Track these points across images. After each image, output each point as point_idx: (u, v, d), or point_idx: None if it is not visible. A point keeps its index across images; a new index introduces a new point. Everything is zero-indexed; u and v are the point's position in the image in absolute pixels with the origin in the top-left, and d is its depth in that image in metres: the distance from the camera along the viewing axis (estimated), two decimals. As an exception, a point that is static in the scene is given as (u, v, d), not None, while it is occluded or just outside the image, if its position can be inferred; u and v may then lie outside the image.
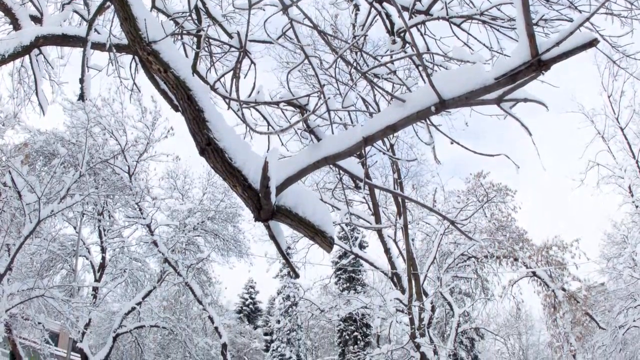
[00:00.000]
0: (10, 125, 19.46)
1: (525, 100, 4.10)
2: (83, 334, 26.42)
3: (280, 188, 3.96)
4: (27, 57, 8.69)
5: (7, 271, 13.91)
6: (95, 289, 31.03)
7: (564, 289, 29.68)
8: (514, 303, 30.51)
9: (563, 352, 31.10)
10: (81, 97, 7.58)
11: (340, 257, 51.88)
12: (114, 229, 31.24)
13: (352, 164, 4.54)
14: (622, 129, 32.07)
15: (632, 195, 32.46)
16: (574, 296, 29.75)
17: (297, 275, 4.65)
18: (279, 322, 57.78)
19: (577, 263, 28.95)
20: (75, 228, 28.91)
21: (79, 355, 30.28)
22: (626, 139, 32.06)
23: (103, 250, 31.46)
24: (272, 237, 4.22)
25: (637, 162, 32.01)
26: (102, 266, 31.55)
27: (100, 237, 30.95)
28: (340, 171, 4.75)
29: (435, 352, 22.28)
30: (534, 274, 29.51)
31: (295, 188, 4.16)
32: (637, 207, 32.62)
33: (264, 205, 3.90)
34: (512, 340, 77.74)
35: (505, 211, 28.71)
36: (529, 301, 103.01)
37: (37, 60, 9.14)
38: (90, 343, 32.46)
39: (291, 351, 56.82)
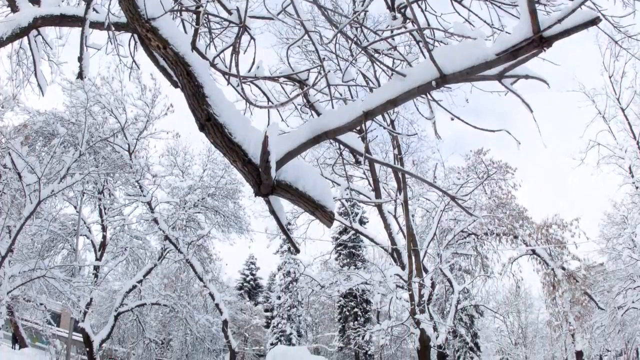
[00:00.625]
0: (9, 107, 19.41)
1: (527, 76, 4.08)
2: (85, 313, 26.54)
3: (280, 163, 3.95)
4: (25, 38, 8.65)
5: (8, 253, 13.92)
6: (96, 268, 31.13)
7: (563, 268, 29.75)
8: (514, 281, 30.58)
9: (562, 331, 31.25)
10: (80, 75, 7.55)
11: (340, 233, 51.99)
12: (115, 207, 31.27)
13: (352, 138, 4.52)
14: (623, 110, 32.04)
15: (633, 176, 32.49)
16: (573, 275, 29.82)
17: (297, 251, 4.66)
18: (279, 298, 57.98)
19: (576, 242, 28.91)
20: (75, 207, 28.93)
21: (81, 335, 30.42)
22: (627, 119, 32.05)
23: (104, 229, 31.51)
24: (273, 212, 4.21)
25: (637, 143, 32.01)
26: (103, 245, 31.61)
27: (101, 216, 30.99)
28: (341, 146, 4.74)
29: (435, 329, 22.41)
30: (534, 252, 29.54)
31: (296, 163, 4.15)
32: (637, 188, 32.67)
33: (264, 180, 3.90)
34: (511, 318, 78.05)
35: (505, 189, 28.68)
36: (528, 279, 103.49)
37: (35, 42, 9.09)
38: (91, 322, 32.63)
39: (292, 327, 57.04)
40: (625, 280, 35.49)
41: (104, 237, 31.92)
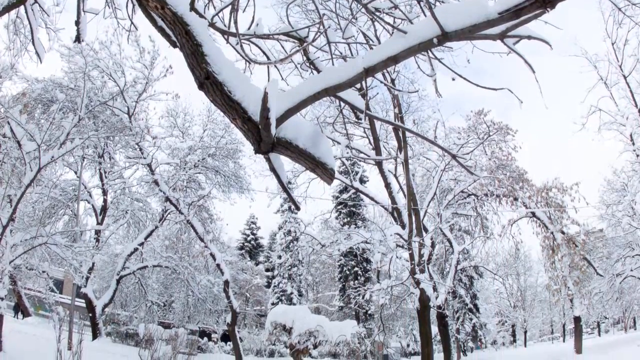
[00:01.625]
0: (7, 76, 19.30)
1: (529, 37, 4.05)
2: (87, 278, 26.72)
3: (280, 120, 3.93)
4: (22, 7, 8.57)
5: (9, 222, 13.92)
6: (97, 232, 31.28)
7: (562, 232, 29.87)
8: (513, 243, 30.69)
9: (561, 295, 31.43)
10: (77, 38, 7.50)
11: (340, 192, 52.10)
12: (115, 170, 31.33)
13: (352, 95, 4.50)
14: (625, 77, 31.90)
15: (634, 144, 32.45)
16: (573, 240, 29.93)
17: (298, 208, 4.65)
18: (280, 257, 58.35)
19: (576, 207, 29.05)
20: (76, 173, 28.96)
21: (84, 301, 30.66)
22: (629, 87, 31.93)
23: (104, 192, 31.61)
24: (273, 169, 4.21)
25: (639, 111, 31.88)
26: (104, 209, 31.73)
27: (102, 180, 31.07)
28: (341, 103, 4.72)
29: (435, 289, 22.57)
30: (534, 214, 29.64)
31: (296, 120, 4.13)
32: (638, 155, 32.61)
33: (264, 137, 3.88)
34: (510, 281, 78.58)
35: (505, 150, 28.66)
36: (527, 242, 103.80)
37: (32, 10, 9.01)
38: (94, 287, 32.89)
39: (292, 287, 57.51)
40: (624, 248, 35.75)
41: (105, 201, 32.05)
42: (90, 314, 30.72)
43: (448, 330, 33.66)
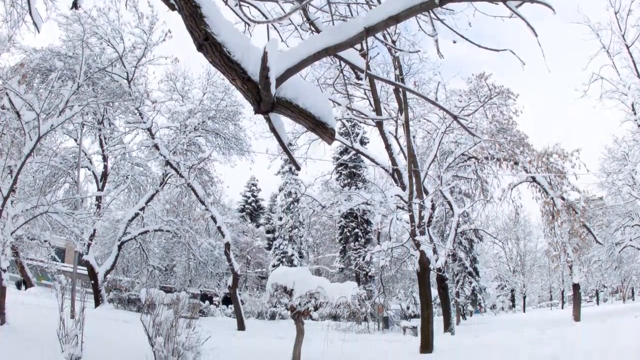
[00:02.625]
0: (5, 48, 19.14)
1: (532, 0, 4.01)
2: (88, 245, 26.83)
3: (280, 80, 3.91)
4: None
5: (10, 193, 13.91)
6: (98, 198, 31.36)
7: (563, 198, 29.91)
8: (513, 207, 30.73)
9: (560, 262, 31.58)
10: (74, 4, 7.43)
11: (341, 154, 52.12)
12: (115, 136, 31.34)
13: (353, 55, 4.48)
14: (627, 47, 31.72)
15: (635, 114, 32.41)
16: (573, 206, 30.00)
17: (298, 168, 4.65)
18: (280, 219, 58.52)
19: (577, 173, 29.05)
20: (76, 140, 28.95)
21: (86, 268, 30.85)
22: (631, 56, 31.76)
23: (105, 158, 31.64)
24: (273, 129, 4.20)
25: (641, 81, 31.86)
26: (105, 175, 31.78)
27: (102, 146, 31.08)
28: (341, 63, 4.70)
29: (435, 252, 22.66)
30: (534, 179, 29.65)
31: (296, 80, 4.11)
32: (639, 125, 32.57)
33: (263, 97, 3.87)
34: (510, 245, 78.92)
35: (506, 114, 28.57)
36: (527, 207, 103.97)
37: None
38: (95, 255, 33.09)
39: (293, 248, 57.77)
40: (623, 217, 35.92)
41: (105, 167, 32.08)
42: (93, 281, 30.95)
43: (448, 294, 33.89)
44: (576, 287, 33.54)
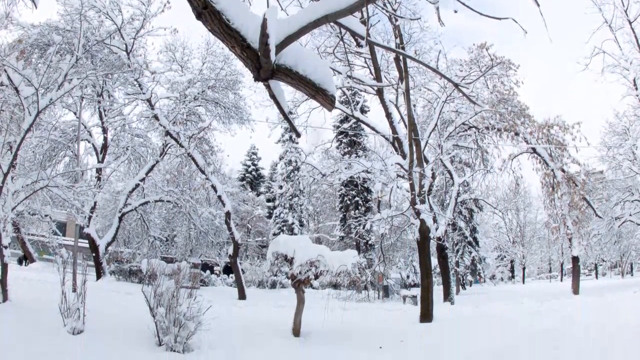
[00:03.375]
0: (2, 25, 19.03)
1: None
2: (89, 218, 26.92)
3: (280, 47, 3.90)
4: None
5: (10, 169, 13.90)
6: (99, 171, 31.42)
7: (563, 170, 29.93)
8: (513, 178, 30.81)
9: (559, 234, 31.70)
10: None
11: (341, 122, 52.01)
12: (114, 108, 31.29)
13: (353, 23, 4.45)
14: (630, 22, 31.59)
15: (637, 89, 32.35)
16: (573, 179, 30.03)
17: (298, 135, 4.65)
18: (281, 187, 58.59)
19: (577, 146, 29.04)
20: (75, 113, 28.90)
21: (87, 241, 30.98)
22: (634, 32, 31.66)
23: (104, 130, 31.64)
24: (273, 96, 4.19)
25: (643, 56, 31.76)
26: (105, 147, 31.79)
27: (101, 118, 31.09)
28: (342, 30, 4.68)
29: (435, 220, 22.72)
30: (534, 150, 29.66)
31: (295, 47, 4.09)
32: (641, 100, 32.60)
33: (263, 64, 3.85)
34: (510, 216, 79.13)
35: (507, 84, 28.49)
36: (528, 178, 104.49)
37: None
38: (96, 227, 33.20)
39: (293, 217, 57.91)
40: (623, 192, 36.02)
41: (105, 139, 32.05)
42: (94, 254, 31.11)
43: (447, 263, 34.08)
44: (575, 260, 33.69)
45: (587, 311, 19.77)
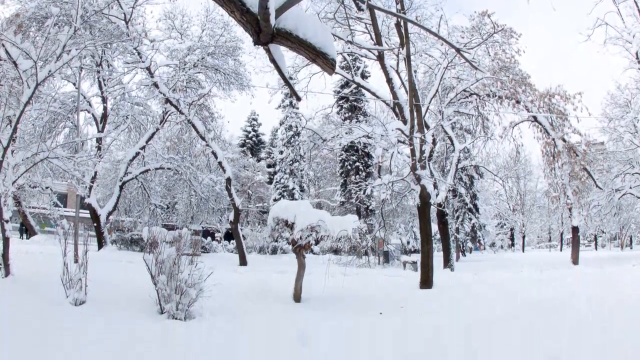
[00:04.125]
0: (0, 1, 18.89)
1: None
2: (90, 188, 26.97)
3: (280, 10, 3.86)
4: None
5: (10, 143, 13.85)
6: (99, 140, 31.50)
7: (564, 140, 29.95)
8: (514, 145, 30.90)
9: (559, 203, 31.81)
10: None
11: (342, 87, 51.77)
12: (114, 77, 31.26)
13: (353, -15, 4.42)
14: None
15: (639, 62, 32.19)
16: (574, 149, 30.10)
17: (299, 99, 4.63)
18: (281, 153, 58.58)
19: (578, 116, 29.13)
20: (74, 84, 28.82)
21: (88, 211, 31.11)
22: (637, 5, 31.56)
23: (104, 100, 31.67)
24: (273, 60, 4.16)
25: (646, 30, 31.58)
26: (105, 116, 31.85)
27: (101, 88, 31.09)
28: (341, -7, 4.62)
29: (435, 186, 22.75)
30: (535, 119, 29.68)
31: (295, 11, 4.05)
32: (643, 74, 32.56)
33: (263, 28, 3.82)
34: (510, 183, 79.35)
35: (509, 52, 28.38)
36: (528, 146, 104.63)
37: None
38: (97, 197, 33.36)
39: (294, 182, 57.99)
40: (624, 164, 36.05)
41: (105, 108, 32.04)
42: (95, 224, 31.23)
43: (448, 229, 34.21)
44: (575, 230, 33.87)
45: (586, 282, 19.92)
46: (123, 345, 8.46)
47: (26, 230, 39.28)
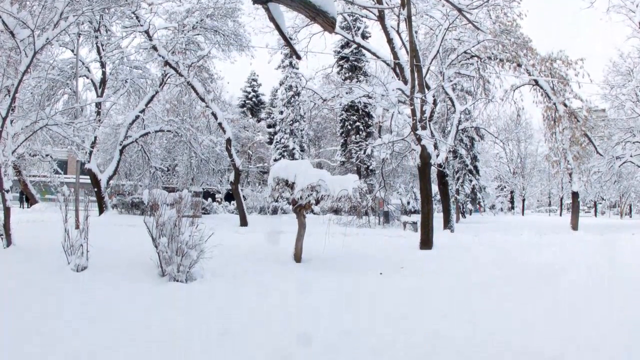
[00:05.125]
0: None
1: None
2: (90, 153, 26.99)
3: (279, -32, 3.83)
4: None
5: (8, 112, 13.80)
6: (98, 105, 31.51)
7: (565, 105, 29.86)
8: (515, 108, 30.91)
9: (560, 168, 31.82)
10: None
11: (342, 47, 51.37)
12: (112, 42, 31.10)
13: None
14: None
15: None
16: (575, 114, 30.06)
17: (299, 57, 4.60)
18: (281, 113, 58.46)
19: (580, 82, 28.96)
20: (72, 51, 28.65)
21: (88, 177, 31.17)
22: None
23: (103, 65, 31.65)
24: (272, 19, 4.12)
25: (650, 0, 31.35)
26: (104, 81, 31.83)
27: (99, 53, 31.00)
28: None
29: (436, 147, 22.73)
30: (536, 82, 29.56)
31: (295, -31, 4.01)
32: (645, 44, 32.33)
33: (262, -15, 3.79)
34: (510, 146, 79.23)
35: (510, 16, 28.07)
36: (529, 110, 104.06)
37: None
38: (97, 162, 33.44)
39: (294, 142, 58.00)
40: (625, 132, 36.01)
41: (104, 73, 31.98)
42: (96, 189, 31.33)
43: (448, 190, 34.28)
44: (575, 195, 33.95)
45: (586, 248, 20.07)
46: (125, 309, 8.53)
47: (27, 199, 39.39)
